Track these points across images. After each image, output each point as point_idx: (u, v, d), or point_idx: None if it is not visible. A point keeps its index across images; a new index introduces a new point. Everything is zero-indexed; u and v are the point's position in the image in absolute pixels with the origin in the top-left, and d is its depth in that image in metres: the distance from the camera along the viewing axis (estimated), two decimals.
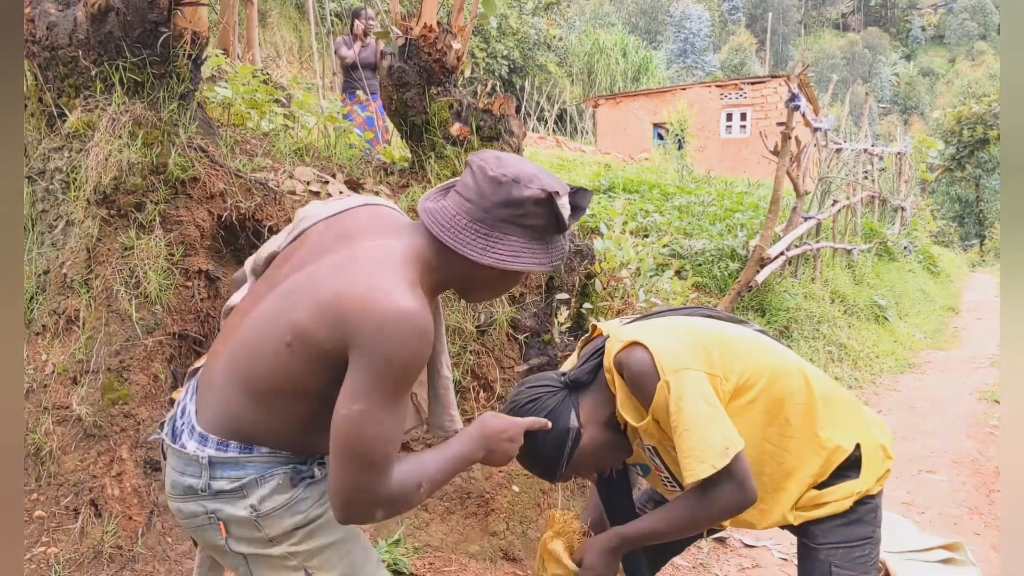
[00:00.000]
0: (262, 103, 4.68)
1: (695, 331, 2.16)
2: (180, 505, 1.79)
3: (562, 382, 2.18)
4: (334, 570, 1.81)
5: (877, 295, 11.97)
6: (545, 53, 32.56)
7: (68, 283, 3.49)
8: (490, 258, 1.72)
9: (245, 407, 1.72)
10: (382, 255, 1.69)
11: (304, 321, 1.64)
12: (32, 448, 3.26)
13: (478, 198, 1.73)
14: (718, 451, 1.96)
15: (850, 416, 2.27)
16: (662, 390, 2.01)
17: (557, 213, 1.74)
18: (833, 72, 15.11)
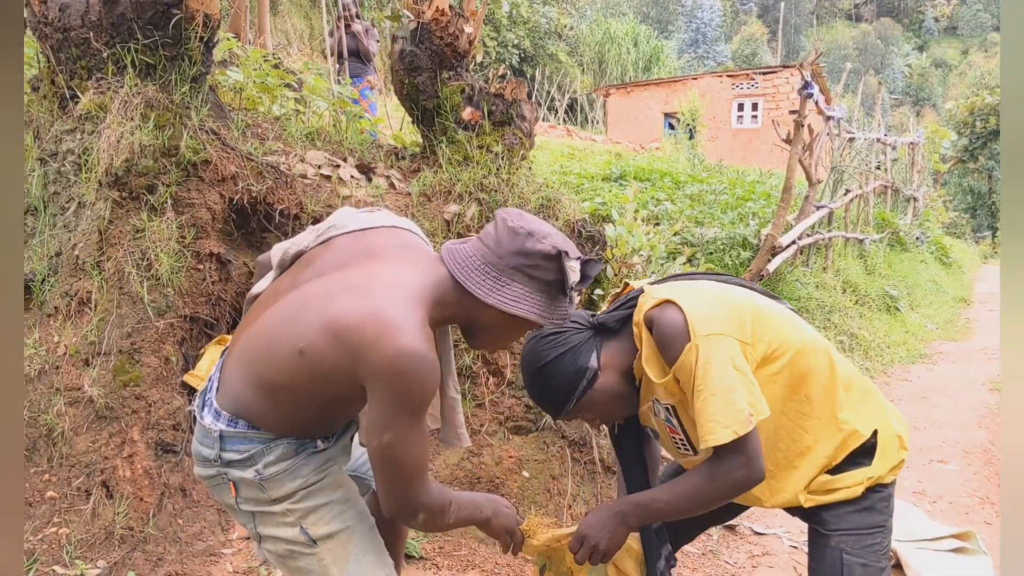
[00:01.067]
0: (273, 87, 4.67)
1: (729, 297, 2.15)
2: (199, 470, 1.99)
3: (589, 322, 2.19)
4: (327, 526, 1.95)
5: (889, 285, 11.91)
6: (556, 42, 32.51)
7: (80, 265, 3.50)
8: (495, 299, 1.86)
9: (253, 398, 1.88)
10: (400, 286, 1.82)
11: (317, 335, 1.76)
12: (44, 429, 3.27)
13: (495, 245, 1.88)
14: (742, 417, 1.96)
15: (869, 403, 2.26)
16: (690, 352, 1.99)
17: (564, 271, 1.87)
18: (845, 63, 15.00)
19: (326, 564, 1.95)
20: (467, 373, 3.96)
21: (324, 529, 1.95)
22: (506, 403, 4.01)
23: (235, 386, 1.91)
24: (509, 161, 4.28)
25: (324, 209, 3.89)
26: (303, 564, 1.96)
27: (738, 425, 1.95)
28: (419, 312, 1.80)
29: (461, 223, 4.06)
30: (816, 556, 2.27)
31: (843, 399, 2.19)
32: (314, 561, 1.95)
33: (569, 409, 2.16)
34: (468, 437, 2.29)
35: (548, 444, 4.02)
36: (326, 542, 1.95)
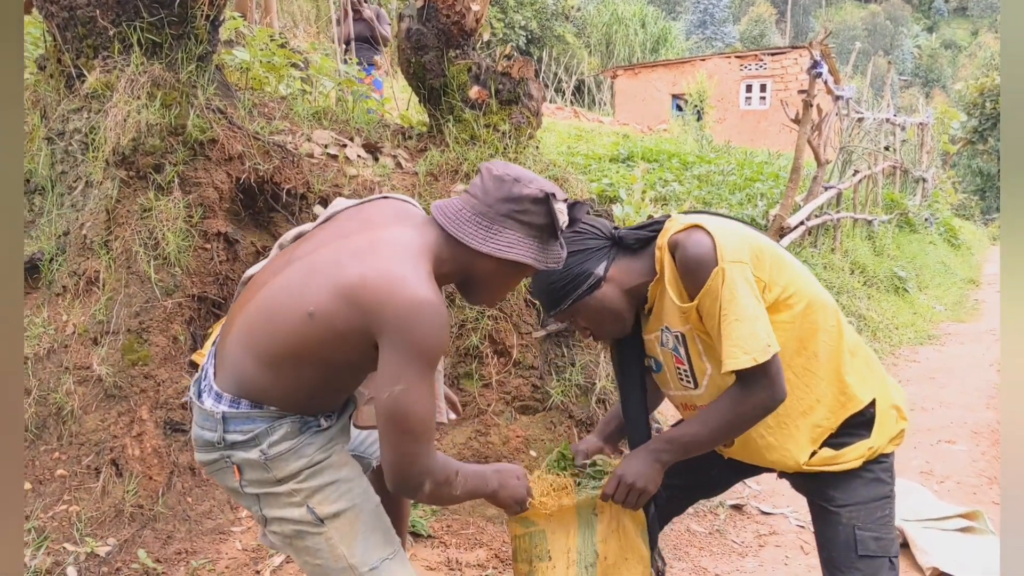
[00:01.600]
0: (280, 67, 4.66)
1: (752, 235, 2.14)
2: (201, 456, 1.97)
3: (610, 234, 2.18)
4: (334, 505, 1.95)
5: (897, 266, 11.87)
6: (563, 23, 32.36)
7: (88, 244, 3.50)
8: (489, 247, 1.88)
9: (257, 372, 1.87)
10: (402, 244, 1.85)
11: (328, 299, 1.78)
12: (54, 408, 3.28)
13: (482, 195, 1.90)
14: (762, 346, 1.96)
15: (871, 370, 2.24)
16: (717, 276, 1.99)
17: (553, 213, 1.90)
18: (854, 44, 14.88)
19: (334, 543, 1.94)
20: (474, 353, 3.96)
21: (331, 508, 1.94)
22: (513, 383, 4.02)
23: (236, 364, 1.90)
24: (516, 140, 4.26)
25: (331, 188, 3.89)
26: (310, 544, 1.96)
27: (758, 353, 1.96)
28: (425, 266, 1.84)
29: None
30: (827, 535, 2.24)
31: (848, 362, 2.18)
32: (322, 540, 1.95)
33: (563, 308, 2.17)
34: (446, 413, 2.30)
35: (555, 424, 4.03)
36: (333, 521, 1.94)
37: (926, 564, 3.83)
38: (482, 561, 3.45)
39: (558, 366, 4.11)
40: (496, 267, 1.94)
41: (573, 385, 4.06)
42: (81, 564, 3.02)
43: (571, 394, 4.05)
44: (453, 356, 3.99)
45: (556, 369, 4.10)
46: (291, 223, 3.87)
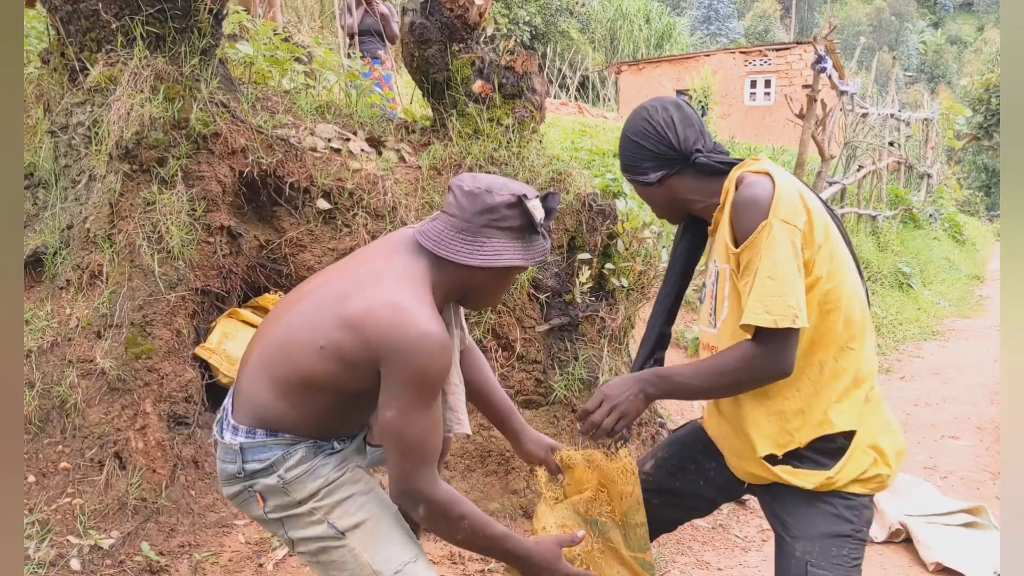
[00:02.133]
0: (283, 61, 4.65)
1: (822, 213, 2.08)
2: (227, 489, 2.07)
3: (685, 149, 2.16)
4: (353, 517, 2.02)
5: (901, 262, 11.86)
6: (567, 19, 32.30)
7: (91, 238, 3.51)
8: (478, 259, 1.98)
9: (272, 400, 1.97)
10: (403, 276, 1.95)
11: (338, 333, 1.88)
12: (57, 401, 3.29)
13: (459, 212, 1.99)
14: (788, 312, 1.91)
15: (869, 406, 2.13)
16: (763, 229, 1.95)
17: (528, 213, 1.99)
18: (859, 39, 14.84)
19: (357, 552, 2.00)
20: (478, 347, 3.96)
21: (350, 520, 2.01)
22: (516, 377, 4.02)
23: (252, 394, 1.99)
24: (519, 134, 4.26)
25: (334, 182, 3.89)
26: (336, 558, 2.02)
27: (780, 317, 1.91)
28: (427, 297, 1.94)
29: None
30: (780, 566, 2.14)
31: (847, 389, 2.09)
32: (345, 552, 2.01)
33: (625, 176, 2.28)
34: (468, 424, 2.34)
35: (559, 418, 4.03)
36: (354, 532, 2.01)
37: (929, 559, 3.83)
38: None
39: (561, 360, 4.10)
40: (489, 275, 2.03)
41: (576, 379, 4.05)
42: (85, 557, 3.02)
43: (574, 388, 4.05)
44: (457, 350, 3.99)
45: (559, 363, 4.09)
46: (294, 217, 3.87)
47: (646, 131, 2.18)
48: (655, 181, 2.19)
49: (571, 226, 4.18)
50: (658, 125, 2.17)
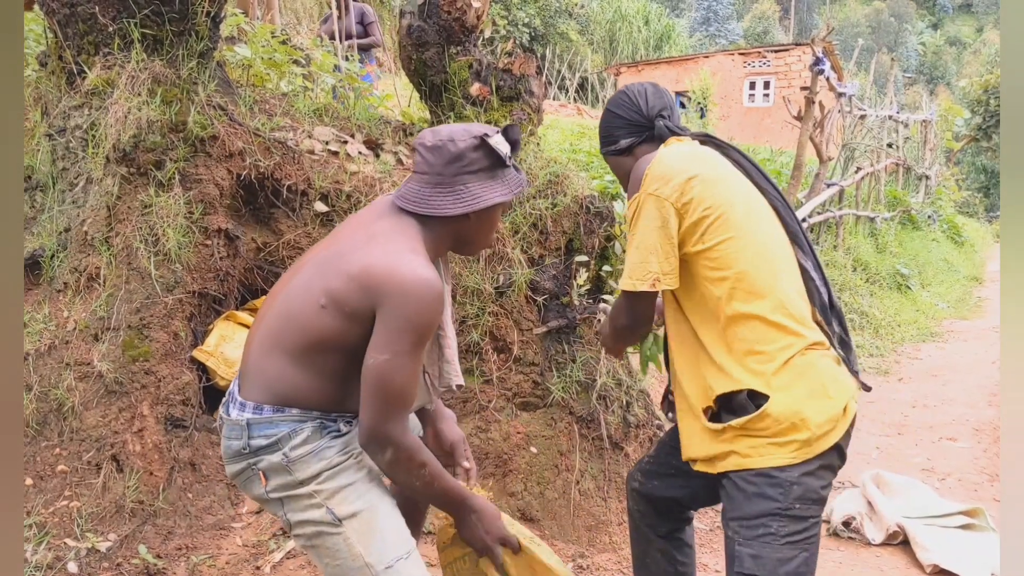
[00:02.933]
0: (281, 63, 4.66)
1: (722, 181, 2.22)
2: (231, 467, 2.08)
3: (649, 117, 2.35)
4: (351, 505, 2.03)
5: (900, 264, 11.87)
6: (567, 21, 32.28)
7: (89, 241, 3.51)
8: (460, 207, 2.06)
9: (279, 370, 2.00)
10: (396, 233, 2.03)
11: (337, 287, 1.94)
12: (55, 404, 3.29)
13: (429, 168, 2.06)
14: (647, 277, 2.14)
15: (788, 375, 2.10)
16: (634, 202, 2.19)
17: (494, 151, 2.06)
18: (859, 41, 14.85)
19: (351, 542, 2.02)
20: (475, 349, 3.96)
21: (349, 508, 2.03)
22: (514, 379, 4.02)
23: (262, 369, 2.02)
24: None
25: (332, 185, 3.89)
26: (330, 544, 2.03)
27: (639, 281, 2.15)
28: (420, 249, 2.03)
29: None
30: (726, 548, 2.21)
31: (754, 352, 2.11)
32: (340, 540, 2.02)
33: (602, 151, 2.46)
34: (461, 375, 2.39)
35: (556, 420, 4.03)
36: (351, 521, 2.02)
37: (927, 561, 3.83)
38: None
39: (559, 362, 4.11)
40: (475, 219, 2.11)
41: (574, 381, 4.05)
42: (82, 559, 3.02)
43: (572, 390, 4.05)
44: None
45: (557, 365, 4.09)
46: (291, 219, 3.87)
47: (620, 101, 2.39)
48: (624, 148, 2.37)
49: (569, 228, 4.18)
50: (631, 94, 2.38)
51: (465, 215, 2.08)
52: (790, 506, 2.08)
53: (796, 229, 2.32)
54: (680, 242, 2.15)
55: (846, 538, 4.18)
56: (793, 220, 2.32)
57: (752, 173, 2.33)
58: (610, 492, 4.01)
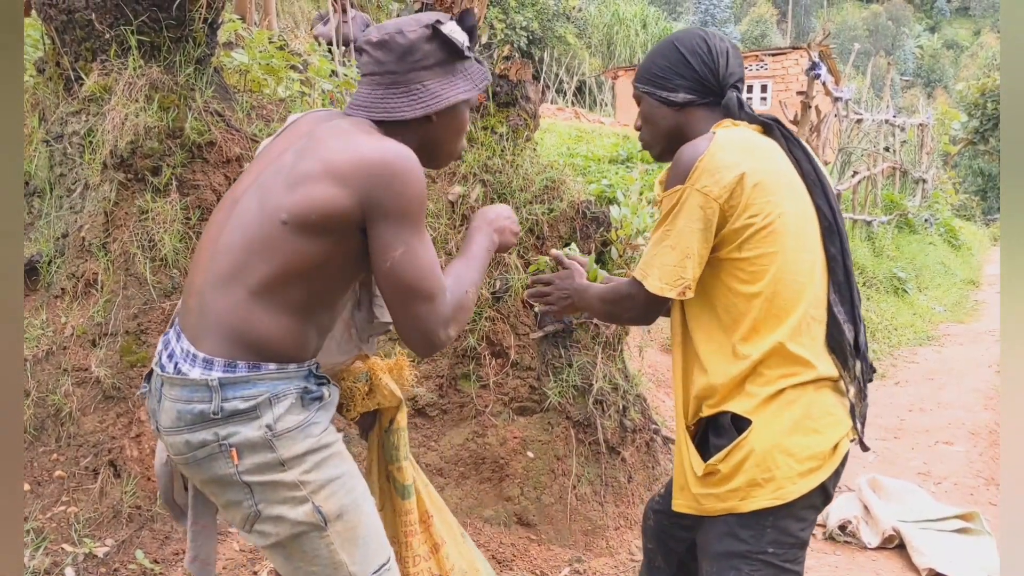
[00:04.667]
0: (279, 69, 4.67)
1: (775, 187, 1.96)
2: (188, 436, 1.74)
3: (724, 82, 2.07)
4: (339, 503, 1.80)
5: (897, 267, 11.89)
6: (564, 24, 32.32)
7: (86, 246, 3.52)
8: (421, 108, 1.83)
9: (247, 310, 1.73)
10: (350, 127, 1.80)
11: (297, 196, 1.69)
12: (52, 409, 3.30)
13: (379, 67, 1.83)
14: (679, 285, 1.94)
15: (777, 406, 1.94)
16: (678, 193, 1.93)
17: (448, 40, 1.83)
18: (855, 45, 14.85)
19: (334, 548, 1.79)
20: (471, 354, 3.97)
21: (336, 505, 1.78)
22: (511, 384, 4.02)
23: (221, 318, 1.73)
24: (513, 142, 4.27)
25: None
26: (308, 548, 1.78)
27: (670, 287, 1.94)
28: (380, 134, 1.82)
29: (465, 204, 4.06)
30: None
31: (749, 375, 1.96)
32: (322, 544, 1.78)
33: (640, 87, 2.16)
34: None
35: (553, 425, 4.04)
36: (336, 522, 1.78)
37: (922, 565, 3.84)
38: None
39: (555, 367, 4.11)
40: (441, 121, 1.89)
41: (570, 386, 4.06)
42: (79, 565, 3.03)
43: (568, 395, 4.06)
44: (451, 357, 4.00)
45: (553, 370, 4.10)
46: None
47: (699, 49, 2.07)
48: (679, 103, 2.08)
49: (565, 233, 4.19)
50: (713, 46, 2.07)
51: (427, 117, 1.85)
52: (762, 550, 1.92)
53: (836, 255, 2.04)
54: (714, 245, 1.94)
55: (842, 542, 4.19)
56: (836, 244, 2.04)
57: (811, 180, 2.04)
58: (607, 497, 4.02)
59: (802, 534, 1.97)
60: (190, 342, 1.76)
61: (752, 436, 1.91)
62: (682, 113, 2.09)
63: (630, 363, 4.62)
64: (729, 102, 2.06)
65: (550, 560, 3.62)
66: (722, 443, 1.95)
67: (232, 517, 1.82)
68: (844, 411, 2.02)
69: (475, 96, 1.91)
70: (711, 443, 2.00)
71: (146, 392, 1.88)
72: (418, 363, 3.86)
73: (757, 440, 1.91)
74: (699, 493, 2.00)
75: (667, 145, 2.15)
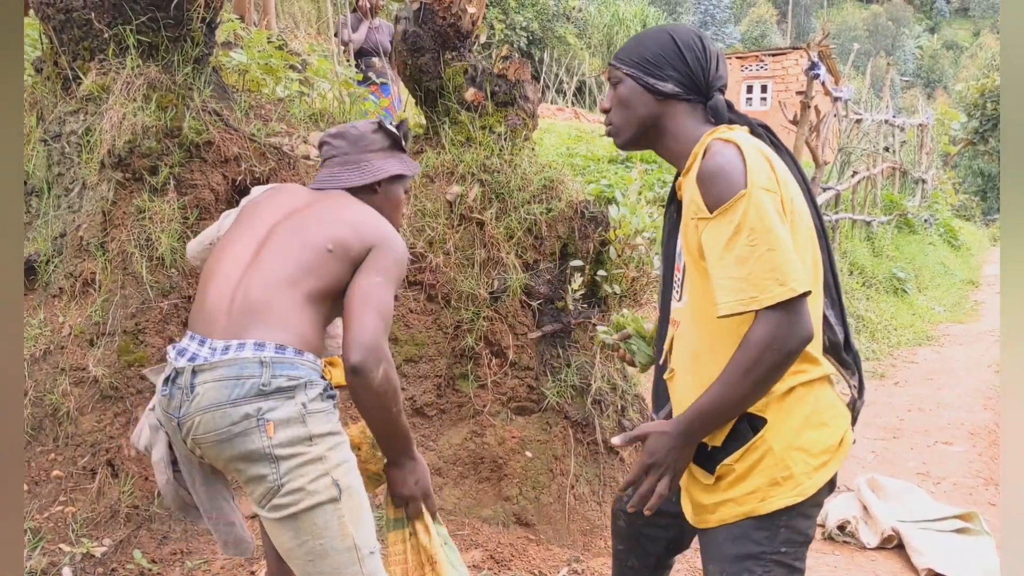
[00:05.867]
0: (277, 69, 4.66)
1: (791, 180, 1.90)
2: (230, 410, 1.91)
3: (711, 83, 2.01)
4: (351, 481, 2.01)
5: (896, 267, 11.89)
6: (564, 24, 32.32)
7: (84, 246, 3.52)
8: (368, 177, 2.33)
9: (300, 310, 2.04)
10: (361, 204, 2.28)
11: (341, 233, 2.11)
12: (50, 409, 3.29)
13: (339, 152, 2.36)
14: (799, 278, 1.73)
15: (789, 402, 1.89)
16: (743, 198, 1.76)
17: (390, 132, 2.39)
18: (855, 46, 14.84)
19: (344, 520, 1.96)
20: (470, 354, 3.97)
21: (347, 481, 1.99)
22: (509, 383, 4.02)
23: (269, 309, 2.01)
24: (512, 142, 4.27)
25: None
26: (320, 520, 1.93)
27: (797, 283, 1.72)
28: None
29: (463, 204, 4.06)
30: None
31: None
32: (334, 516, 1.94)
33: (622, 67, 2.05)
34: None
35: (551, 425, 4.04)
36: (348, 499, 1.97)
37: (921, 565, 3.84)
38: (477, 562, 3.46)
39: (554, 367, 4.12)
40: (383, 191, 2.37)
41: (568, 386, 4.07)
42: (77, 565, 3.03)
43: (566, 395, 4.06)
44: (449, 357, 4.00)
45: (552, 370, 4.11)
46: None
47: (695, 45, 2.01)
48: (666, 93, 1.99)
49: (563, 233, 4.19)
50: (708, 49, 2.02)
51: (373, 190, 2.33)
52: (776, 550, 1.88)
53: (825, 259, 2.01)
54: None
55: (841, 542, 4.19)
56: (825, 248, 2.01)
57: (801, 186, 1.99)
58: (605, 496, 4.02)
59: (810, 531, 1.94)
60: (226, 340, 1.98)
61: (768, 434, 1.86)
62: (664, 104, 2.01)
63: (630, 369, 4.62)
64: (718, 104, 2.02)
65: (548, 560, 3.62)
66: (735, 444, 1.89)
67: (252, 491, 1.97)
68: (843, 405, 2.01)
69: (409, 175, 2.41)
70: (723, 446, 1.92)
71: (165, 394, 2.03)
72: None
73: (773, 438, 1.86)
74: (713, 502, 1.94)
75: (638, 132, 2.07)
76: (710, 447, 1.94)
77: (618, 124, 2.10)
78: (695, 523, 2.03)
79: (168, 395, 2.01)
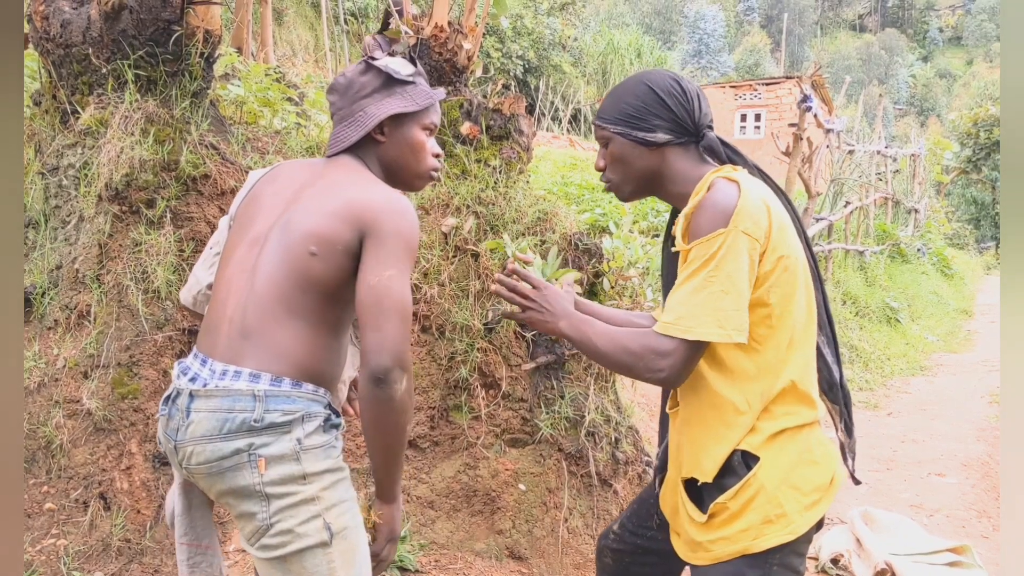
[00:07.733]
0: (275, 101, 4.70)
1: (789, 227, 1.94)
2: (222, 445, 1.84)
3: (699, 123, 2.04)
4: (345, 523, 1.89)
5: (889, 297, 11.93)
6: (560, 53, 32.54)
7: (80, 278, 3.53)
8: (362, 129, 2.06)
9: (300, 337, 1.90)
10: (354, 175, 2.03)
11: (322, 227, 1.90)
12: (43, 441, 3.29)
13: (334, 108, 2.12)
14: (742, 329, 1.81)
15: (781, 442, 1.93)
16: (721, 236, 1.82)
17: (382, 71, 2.08)
18: (849, 74, 15.00)
19: (334, 566, 1.86)
20: (463, 385, 3.98)
21: (341, 523, 1.87)
22: (502, 415, 4.03)
23: (269, 339, 1.88)
24: (507, 175, 4.31)
25: None
26: (309, 564, 1.85)
27: (735, 331, 1.81)
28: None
29: (459, 236, 4.09)
30: None
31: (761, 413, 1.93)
32: (324, 562, 1.85)
33: (611, 127, 2.07)
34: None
35: (544, 457, 4.04)
36: (340, 540, 1.87)
37: None
38: None
39: (547, 399, 4.12)
40: (389, 137, 2.10)
41: (562, 418, 4.07)
42: None
43: (560, 427, 4.07)
44: (442, 388, 4.01)
45: (545, 401, 4.11)
46: None
47: (673, 90, 2.02)
48: (658, 143, 2.02)
49: (557, 265, 4.21)
50: (688, 91, 2.03)
51: (373, 139, 2.09)
52: None
53: (819, 298, 2.06)
54: None
55: (835, 575, 4.19)
56: (819, 287, 2.07)
57: (796, 226, 2.04)
58: (599, 530, 4.01)
59: (801, 568, 1.97)
60: (224, 363, 1.89)
61: (761, 472, 1.90)
62: (658, 153, 2.04)
63: (623, 394, 4.63)
64: (711, 143, 2.06)
65: None
66: (729, 482, 1.93)
67: (242, 527, 1.90)
68: (833, 444, 2.04)
69: (415, 109, 2.09)
70: (715, 483, 1.95)
71: (164, 414, 1.97)
72: None
73: (766, 476, 1.90)
74: (706, 540, 1.96)
75: (641, 186, 2.11)
76: (701, 483, 1.97)
77: (617, 181, 2.13)
78: (687, 560, 2.05)
79: (167, 415, 1.95)
